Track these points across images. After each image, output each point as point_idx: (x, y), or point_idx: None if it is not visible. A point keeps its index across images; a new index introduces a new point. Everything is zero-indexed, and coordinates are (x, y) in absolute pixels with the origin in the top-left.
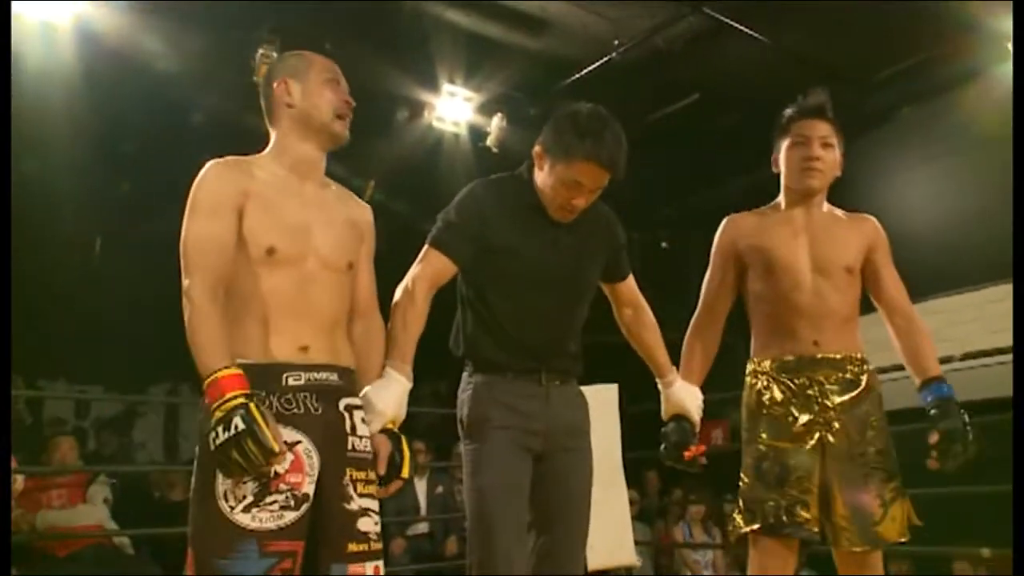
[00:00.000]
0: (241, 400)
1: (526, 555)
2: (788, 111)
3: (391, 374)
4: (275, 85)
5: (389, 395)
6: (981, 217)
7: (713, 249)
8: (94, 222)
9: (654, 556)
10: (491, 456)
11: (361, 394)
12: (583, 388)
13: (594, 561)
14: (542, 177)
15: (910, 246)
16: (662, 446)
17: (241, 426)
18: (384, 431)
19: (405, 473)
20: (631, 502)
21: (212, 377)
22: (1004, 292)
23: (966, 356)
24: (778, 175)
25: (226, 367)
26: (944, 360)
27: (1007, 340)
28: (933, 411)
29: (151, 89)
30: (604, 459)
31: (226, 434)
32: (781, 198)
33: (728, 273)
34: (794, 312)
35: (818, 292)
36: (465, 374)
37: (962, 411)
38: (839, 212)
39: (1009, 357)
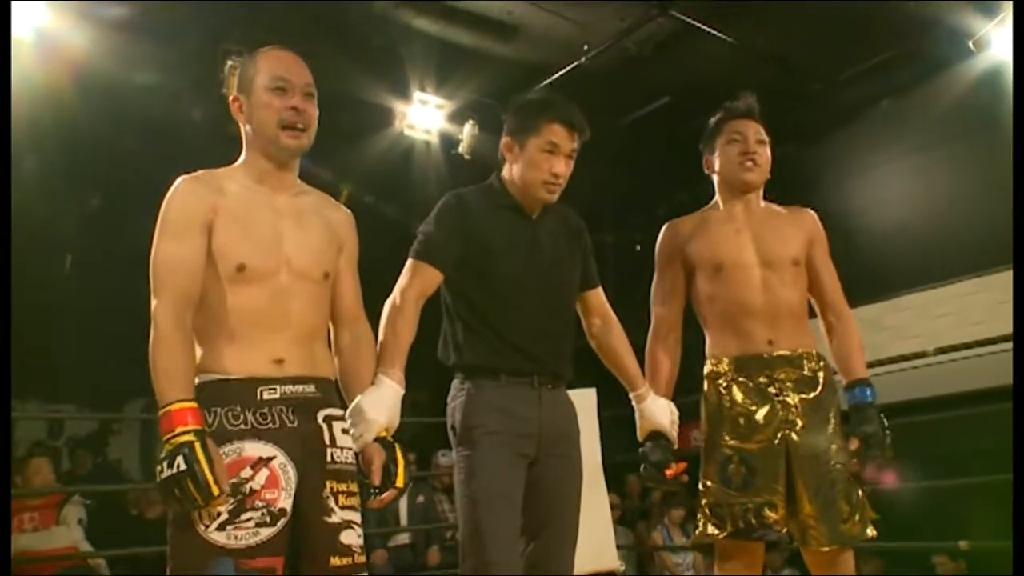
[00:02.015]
0: (188, 438)
1: (518, 562)
2: (719, 114)
3: (383, 380)
4: (231, 101)
5: (382, 402)
6: (951, 212)
7: (657, 255)
8: (64, 239)
9: (637, 559)
10: (484, 463)
11: (352, 403)
12: None
13: (578, 566)
14: (517, 166)
15: (882, 243)
16: (642, 467)
17: (183, 466)
18: (378, 439)
19: (400, 483)
20: (613, 506)
21: (165, 409)
22: (975, 286)
23: (939, 351)
24: (711, 178)
25: (180, 400)
26: (917, 355)
27: (982, 333)
28: (854, 415)
29: (121, 105)
30: (585, 463)
31: (169, 471)
32: (717, 198)
33: (676, 277)
34: (746, 311)
35: (768, 288)
36: (456, 381)
37: (881, 415)
38: (776, 207)
39: (984, 350)
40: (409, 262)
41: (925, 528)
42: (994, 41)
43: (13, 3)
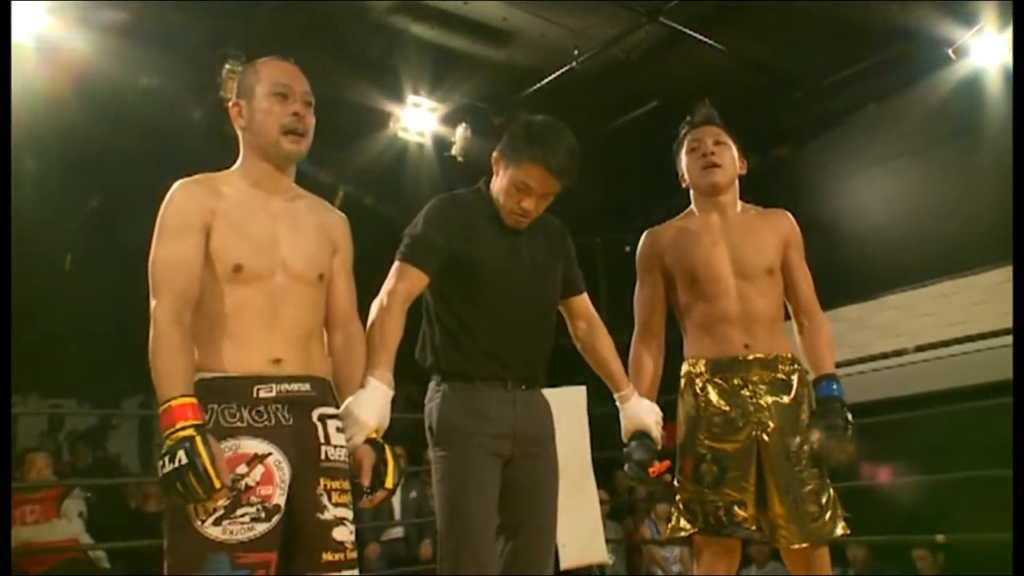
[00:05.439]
0: (189, 432)
1: (496, 561)
2: (680, 130)
3: (373, 383)
4: (231, 106)
5: (372, 404)
6: (933, 215)
7: (638, 264)
8: (64, 238)
9: (627, 553)
10: (460, 463)
11: (343, 405)
12: (552, 390)
13: (567, 560)
14: (497, 183)
15: (866, 245)
16: (626, 466)
17: (184, 460)
18: (368, 441)
19: (389, 483)
20: (602, 502)
21: (166, 405)
22: (955, 287)
23: (919, 348)
24: (687, 190)
25: (180, 396)
26: (897, 353)
27: (959, 332)
28: (819, 407)
29: (120, 108)
30: (573, 459)
31: (171, 465)
32: (693, 207)
33: (657, 285)
34: (722, 319)
35: (743, 297)
36: (432, 382)
37: (845, 409)
38: (752, 210)
39: (962, 348)
40: (395, 264)
41: (905, 522)
42: (972, 49)
43: (13, 7)
